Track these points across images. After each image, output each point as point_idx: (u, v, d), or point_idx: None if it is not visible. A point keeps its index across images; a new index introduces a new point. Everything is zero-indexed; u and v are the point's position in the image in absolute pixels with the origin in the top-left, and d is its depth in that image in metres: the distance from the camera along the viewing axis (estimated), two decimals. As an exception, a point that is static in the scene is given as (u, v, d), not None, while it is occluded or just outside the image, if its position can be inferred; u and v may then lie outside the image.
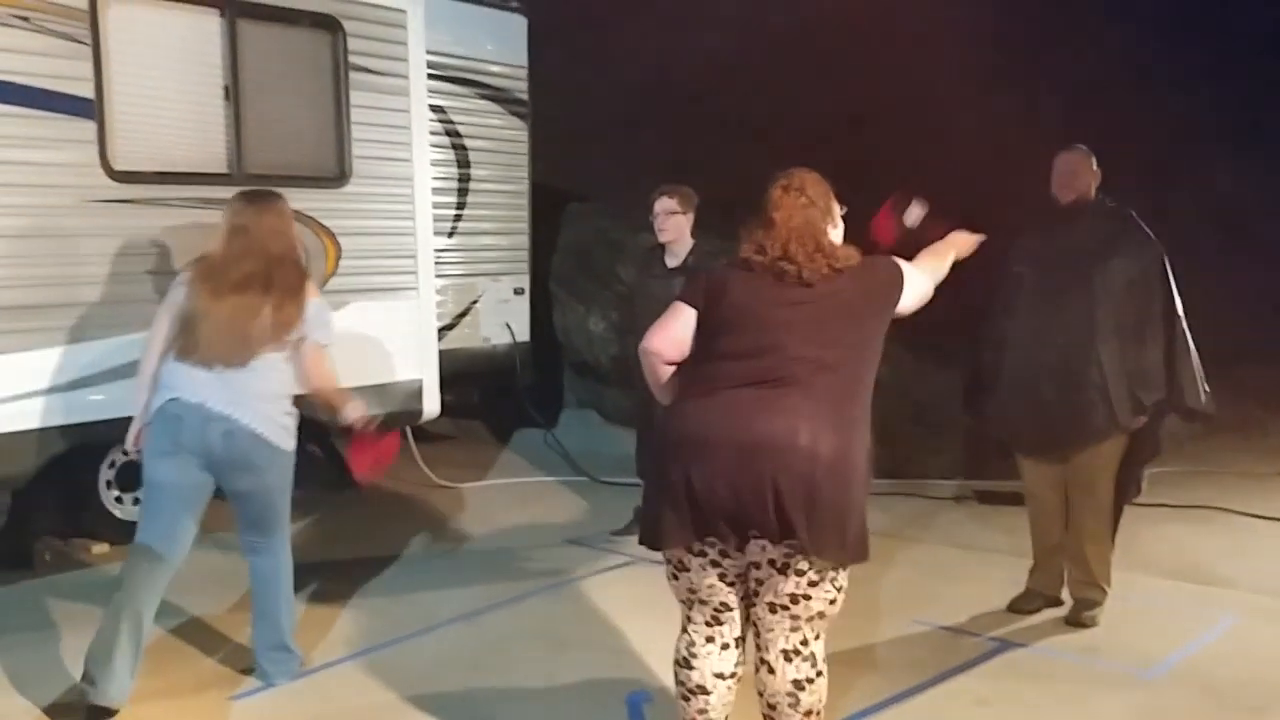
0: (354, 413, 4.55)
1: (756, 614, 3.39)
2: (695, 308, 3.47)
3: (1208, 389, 5.04)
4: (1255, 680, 4.55)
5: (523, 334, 8.61)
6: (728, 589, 3.42)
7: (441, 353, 6.86)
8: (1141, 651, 4.84)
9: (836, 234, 3.53)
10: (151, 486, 4.27)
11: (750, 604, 3.41)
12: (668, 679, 4.43)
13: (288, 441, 4.36)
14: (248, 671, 4.55)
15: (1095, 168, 5.19)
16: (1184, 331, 5.01)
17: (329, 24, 6.11)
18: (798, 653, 3.35)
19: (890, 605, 5.40)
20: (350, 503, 7.36)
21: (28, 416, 5.11)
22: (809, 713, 3.37)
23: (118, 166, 5.35)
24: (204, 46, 5.68)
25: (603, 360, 9.49)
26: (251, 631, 4.57)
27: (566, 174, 9.77)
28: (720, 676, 3.47)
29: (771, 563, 3.27)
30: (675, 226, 6.19)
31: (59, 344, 5.19)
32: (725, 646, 3.47)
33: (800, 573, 3.26)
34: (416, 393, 6.59)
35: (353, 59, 6.19)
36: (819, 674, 3.37)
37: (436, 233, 6.94)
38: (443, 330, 7.41)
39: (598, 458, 8.39)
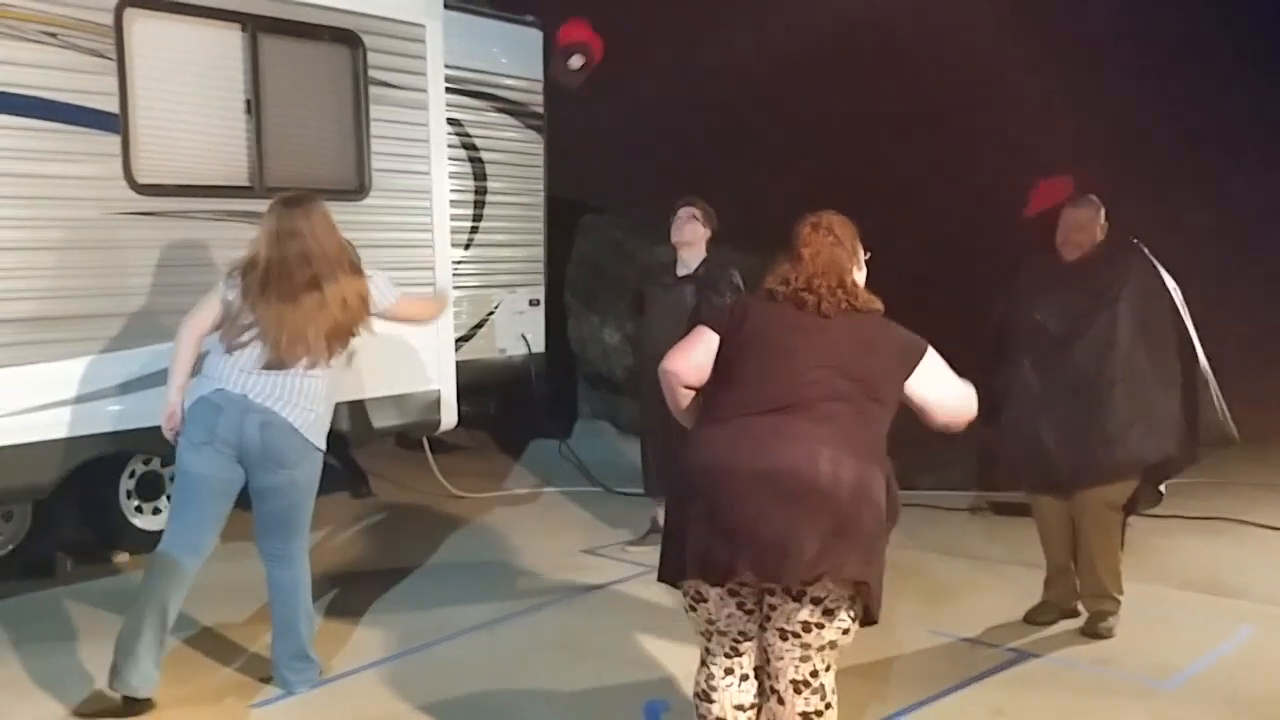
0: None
1: (767, 640, 3.35)
2: (718, 333, 3.48)
3: (1227, 413, 5.04)
4: (1274, 692, 4.55)
5: (538, 345, 8.66)
6: (746, 617, 3.39)
7: (458, 364, 6.91)
8: (1158, 663, 4.85)
9: (860, 276, 3.57)
10: (184, 476, 4.32)
11: (762, 629, 3.37)
12: (685, 689, 4.47)
13: (322, 441, 4.41)
14: (267, 680, 4.59)
15: (1103, 220, 5.17)
16: (1204, 372, 4.99)
17: (349, 39, 6.18)
18: (807, 684, 3.31)
19: (906, 616, 5.41)
20: (367, 513, 7.41)
21: (52, 427, 5.17)
22: None
23: (141, 180, 5.41)
24: (226, 61, 5.74)
25: (617, 371, 9.54)
26: (271, 641, 4.61)
27: (581, 186, 9.82)
28: (740, 709, 3.45)
29: (787, 590, 3.23)
30: (693, 232, 6.28)
31: (82, 355, 5.25)
32: (744, 678, 3.46)
33: (816, 600, 3.23)
34: (434, 403, 6.64)
35: (372, 73, 6.25)
36: (828, 706, 3.33)
37: (453, 245, 6.99)
38: (459, 341, 7.45)
39: (612, 468, 8.43)
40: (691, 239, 6.30)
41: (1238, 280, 10.25)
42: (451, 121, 7.11)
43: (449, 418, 6.77)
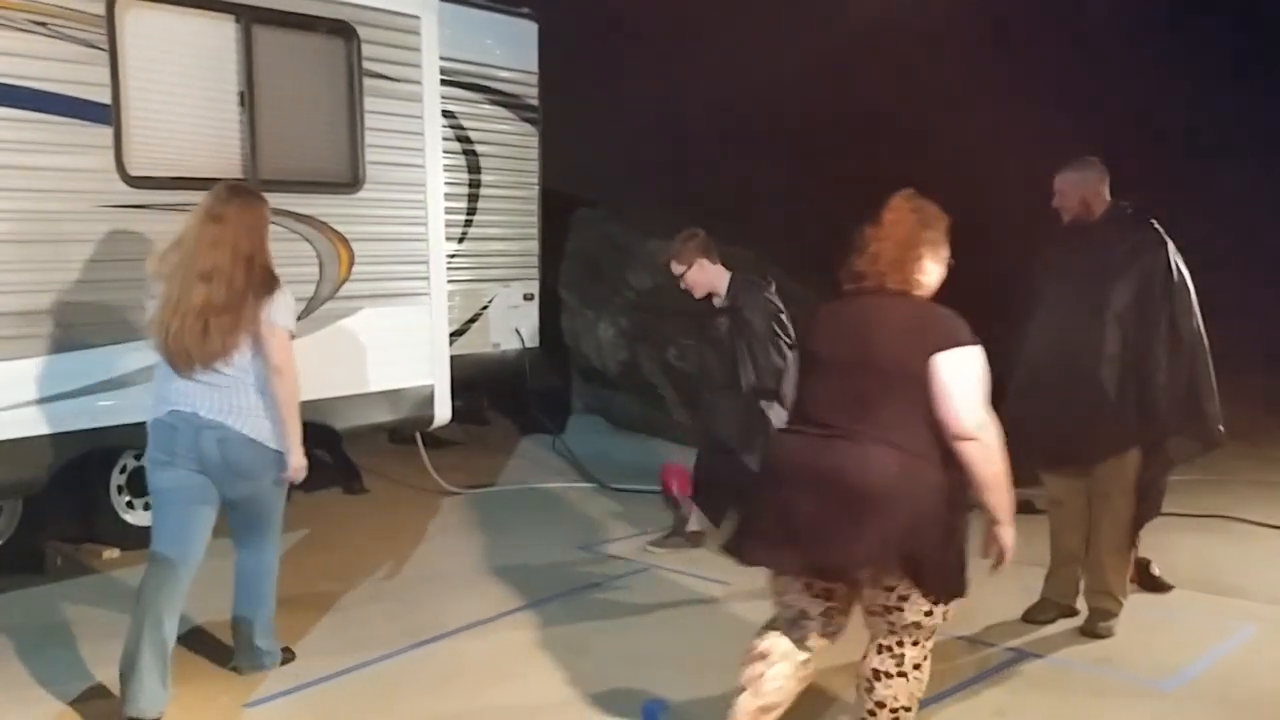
0: (297, 459, 4.33)
1: (863, 614, 3.61)
2: (794, 348, 3.85)
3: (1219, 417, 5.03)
4: (1275, 692, 4.53)
5: (532, 340, 8.62)
6: (811, 599, 3.58)
7: (452, 358, 6.87)
8: (1158, 662, 4.83)
9: (935, 271, 3.61)
10: (156, 494, 4.28)
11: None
12: (683, 688, 4.46)
13: (282, 442, 4.29)
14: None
15: (1097, 179, 5.15)
16: (1205, 354, 4.98)
17: (344, 30, 6.12)
18: (889, 650, 3.55)
19: (904, 614, 5.38)
20: (359, 508, 7.36)
21: (42, 422, 5.12)
22: (880, 704, 3.56)
23: (133, 172, 5.36)
24: (219, 52, 5.70)
25: (611, 366, 9.50)
26: (231, 623, 4.60)
27: (576, 179, 9.77)
28: (783, 654, 3.58)
29: (853, 581, 3.49)
30: (695, 281, 5.99)
31: (73, 349, 5.20)
32: (798, 640, 3.61)
33: (889, 588, 3.44)
34: (428, 399, 6.60)
35: (367, 65, 6.20)
36: (901, 674, 3.55)
37: (447, 238, 6.94)
38: (453, 336, 7.41)
39: (606, 463, 8.39)
40: (702, 288, 6.00)
41: (1234, 277, 10.23)
42: (446, 114, 7.05)
43: (442, 413, 6.73)
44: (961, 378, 3.38)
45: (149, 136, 5.44)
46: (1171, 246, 5.01)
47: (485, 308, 8.28)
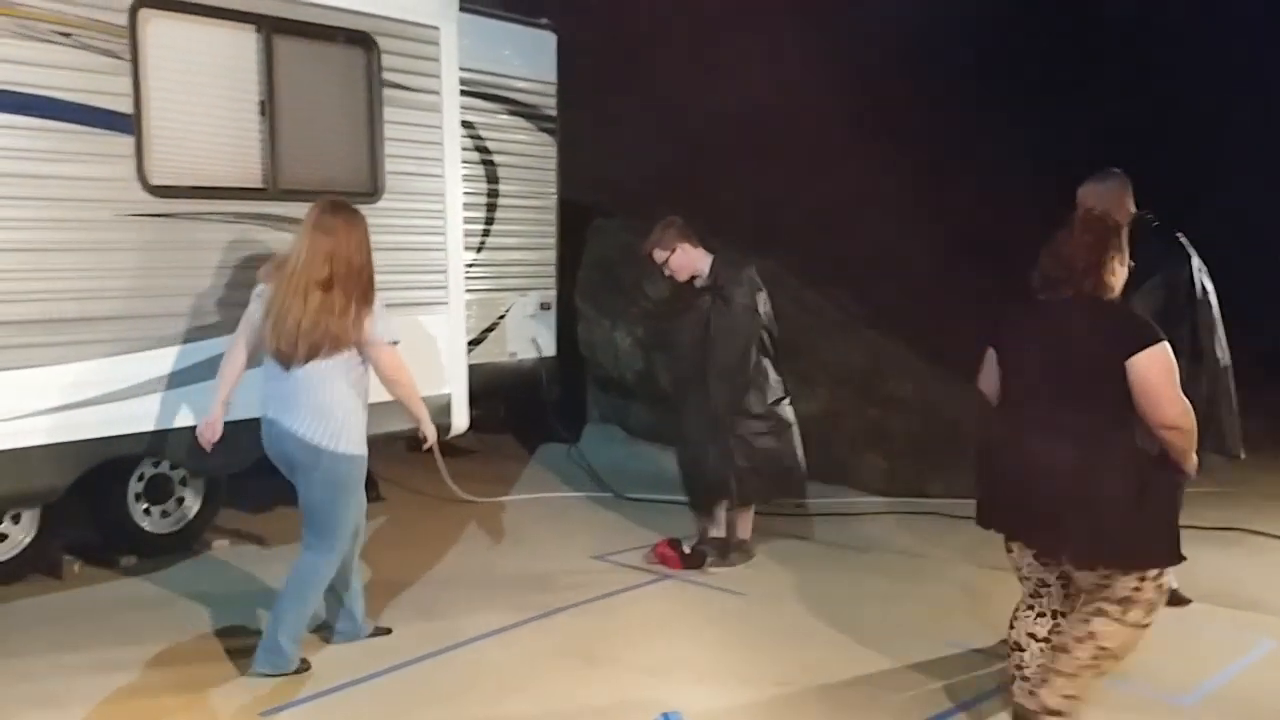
0: (429, 430, 4.96)
1: (1073, 589, 4.08)
2: (992, 346, 4.20)
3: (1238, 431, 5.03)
4: (1293, 708, 4.52)
5: (549, 349, 8.62)
6: (1043, 568, 4.12)
7: (469, 367, 6.88)
8: (1174, 677, 4.81)
9: (1121, 274, 3.96)
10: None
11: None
12: (698, 698, 4.46)
13: (343, 445, 4.59)
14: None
15: (1120, 190, 5.15)
16: (1227, 368, 4.97)
17: (363, 41, 6.14)
18: (1105, 614, 3.93)
19: (922, 626, 5.38)
20: (375, 516, 7.37)
21: (65, 429, 5.13)
22: (1091, 634, 3.96)
23: (154, 181, 5.38)
24: (240, 62, 5.71)
25: (627, 375, 9.49)
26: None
27: (593, 189, 9.78)
28: (1033, 637, 4.17)
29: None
30: (678, 265, 6.21)
31: (94, 357, 5.22)
32: (1042, 615, 4.16)
33: (1092, 567, 3.89)
34: (446, 407, 6.60)
35: (386, 75, 6.21)
36: (1118, 622, 3.93)
37: (466, 248, 6.95)
38: (470, 344, 7.42)
39: (622, 473, 8.39)
40: (685, 272, 6.21)
41: (1248, 291, 10.20)
42: (464, 124, 7.06)
43: (460, 421, 6.74)
44: (1160, 373, 3.76)
45: (170, 146, 5.46)
46: (1196, 259, 5.00)
47: (502, 317, 8.30)
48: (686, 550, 6.31)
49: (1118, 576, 3.88)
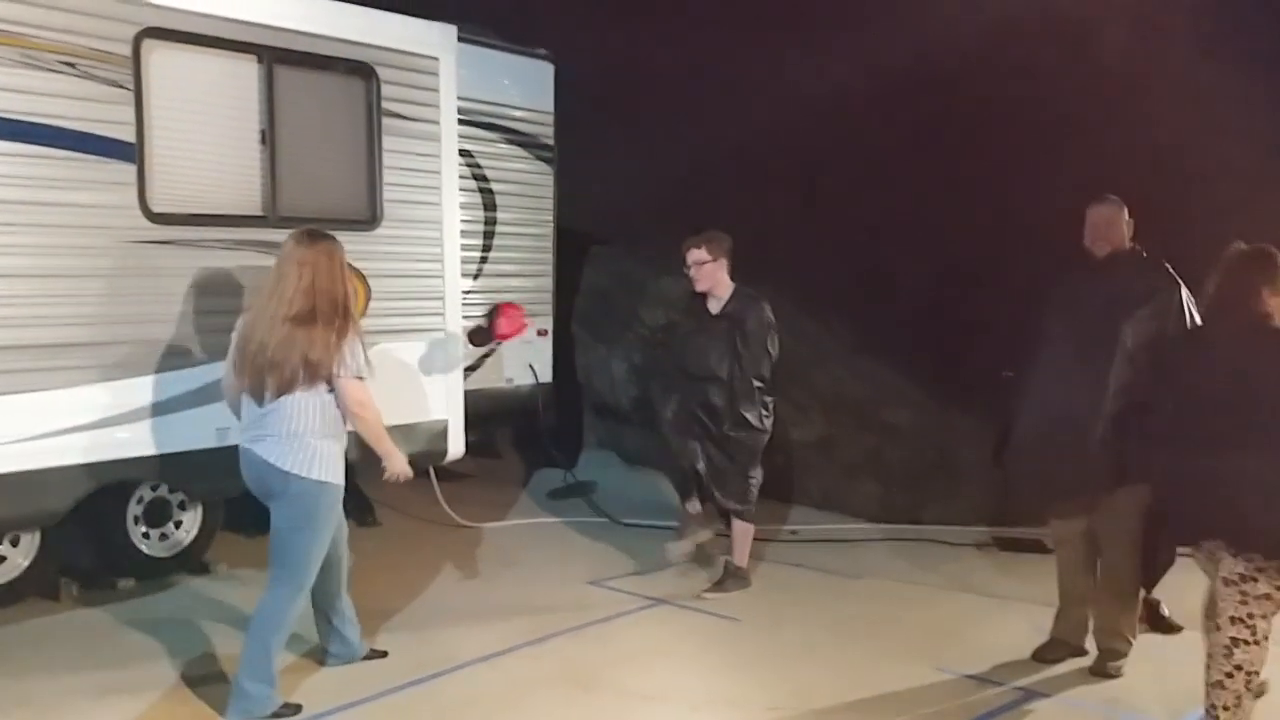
0: (395, 466, 4.90)
1: (1215, 586, 4.24)
2: (1165, 383, 4.50)
3: None
4: (1282, 734, 4.54)
5: (545, 375, 8.66)
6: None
7: (466, 393, 6.91)
8: (1166, 705, 4.84)
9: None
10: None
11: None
12: (694, 724, 4.48)
13: (317, 471, 4.55)
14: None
15: (1128, 218, 5.25)
16: None
17: (363, 70, 6.22)
18: (1242, 621, 4.11)
19: (913, 652, 5.40)
20: (372, 541, 7.39)
21: (64, 453, 5.18)
22: (1238, 666, 4.13)
23: (155, 208, 5.44)
24: (241, 92, 5.79)
25: (623, 401, 9.54)
26: None
27: (590, 217, 9.86)
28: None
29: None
30: (707, 275, 6.28)
31: (93, 381, 5.26)
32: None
33: (1249, 558, 4.07)
34: (442, 433, 6.64)
35: (386, 105, 6.28)
36: (1255, 642, 4.10)
37: (463, 274, 7.00)
38: (467, 371, 7.46)
39: (617, 499, 8.42)
40: (708, 283, 6.30)
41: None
42: (462, 152, 7.13)
43: (456, 447, 6.77)
44: None
45: (171, 174, 5.53)
46: (1185, 289, 5.06)
47: (499, 343, 8.34)
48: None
49: (1271, 570, 4.07)
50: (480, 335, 4.66)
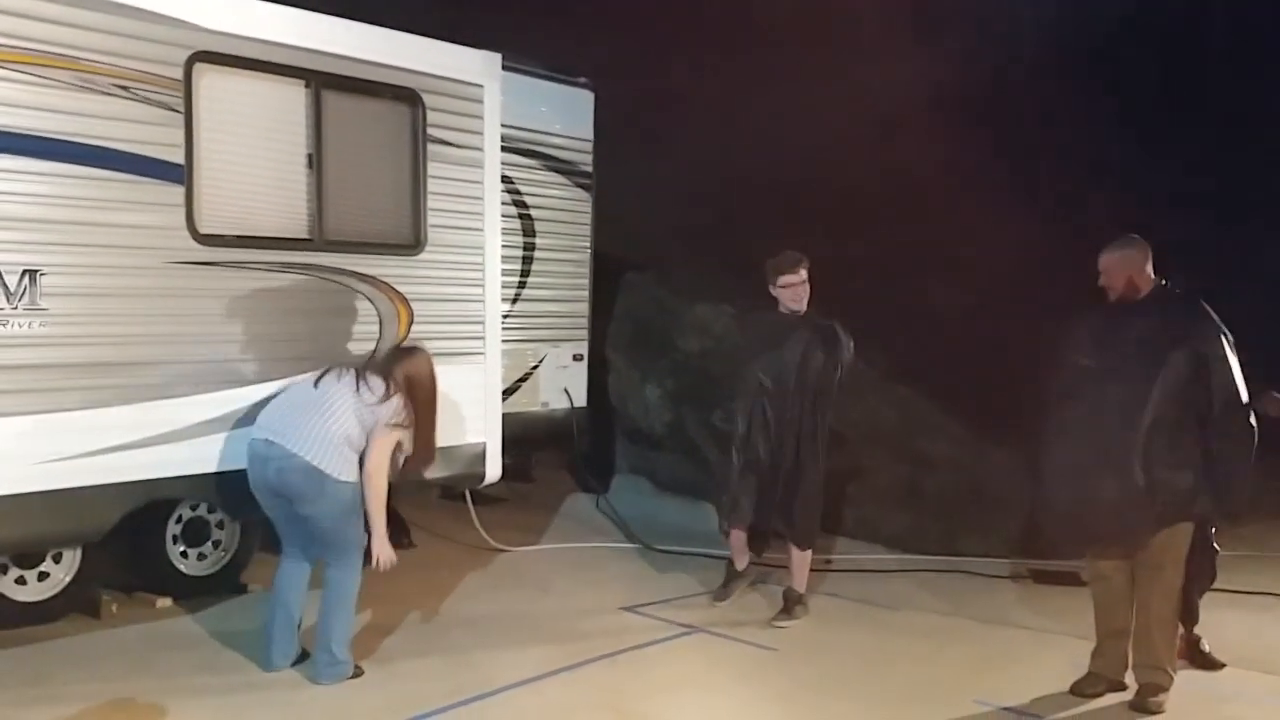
0: (384, 551, 5.19)
1: None
2: None
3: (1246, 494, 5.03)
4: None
5: (580, 399, 8.69)
6: None
7: (502, 416, 6.94)
8: (1208, 741, 4.79)
9: None
10: None
11: None
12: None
13: (344, 474, 5.01)
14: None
15: (1141, 257, 5.20)
16: (1246, 429, 4.97)
17: (409, 97, 6.29)
18: None
19: (951, 685, 5.37)
20: (408, 564, 7.40)
21: (107, 471, 5.22)
22: None
23: (203, 230, 5.50)
24: (289, 116, 5.85)
25: (657, 427, 9.55)
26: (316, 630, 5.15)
27: (625, 244, 9.90)
28: None
29: None
30: (803, 296, 6.43)
31: (137, 400, 5.30)
32: None
33: None
34: (480, 456, 6.67)
35: (431, 131, 6.34)
36: None
37: (502, 299, 7.04)
38: (504, 394, 7.48)
39: (649, 524, 8.42)
40: (801, 301, 6.44)
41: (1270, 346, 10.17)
42: (504, 179, 7.18)
43: (494, 471, 6.79)
44: None
45: (220, 196, 5.58)
46: (1221, 326, 5.03)
47: (536, 367, 8.38)
48: None
49: None
50: None
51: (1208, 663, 5.65)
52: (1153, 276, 5.20)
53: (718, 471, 7.00)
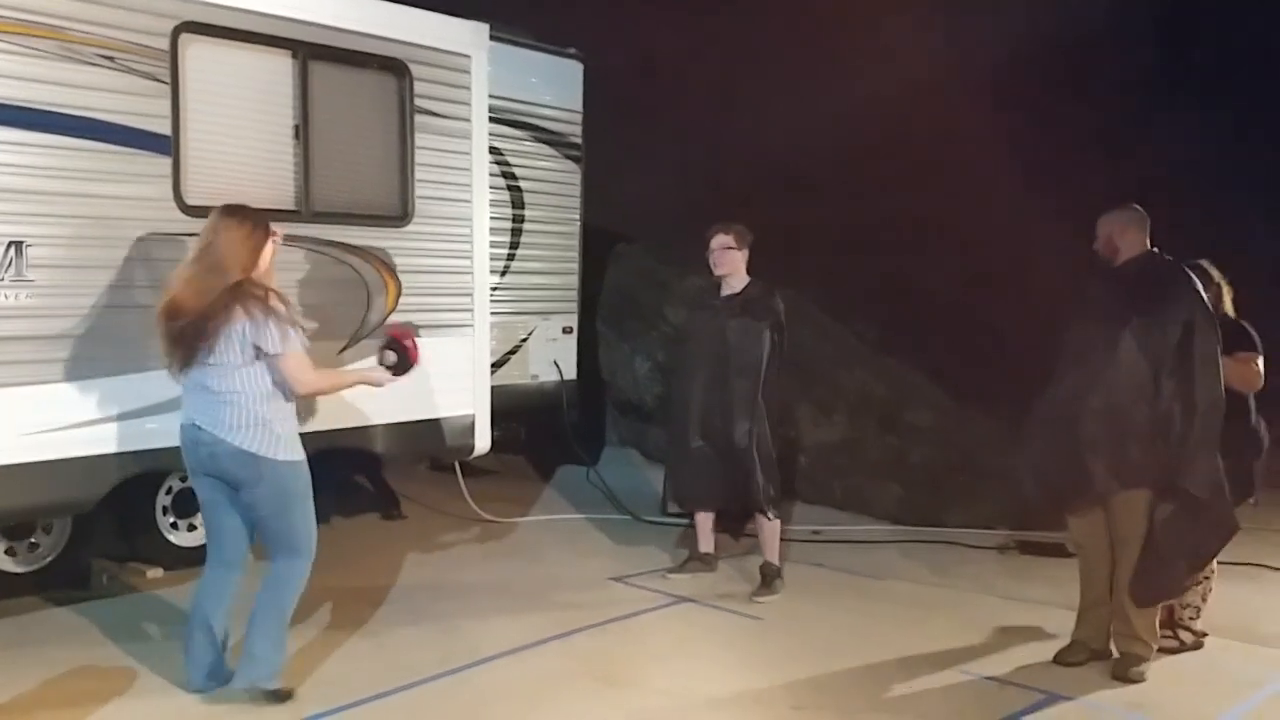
0: (382, 371, 4.91)
1: None
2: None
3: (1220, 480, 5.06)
4: (1306, 742, 4.54)
5: (570, 372, 8.70)
6: None
7: (491, 389, 6.96)
8: (1190, 710, 4.84)
9: None
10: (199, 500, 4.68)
11: None
12: (720, 720, 4.50)
13: (280, 452, 4.42)
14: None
15: (1138, 224, 5.23)
16: (1218, 407, 4.99)
17: (396, 68, 6.27)
18: None
19: (935, 655, 5.41)
20: (396, 534, 7.46)
21: (96, 442, 5.23)
22: None
23: (190, 201, 5.49)
24: (276, 87, 5.84)
25: (646, 399, 9.58)
26: None
27: (615, 215, 9.89)
28: None
29: None
30: (730, 261, 6.38)
31: (125, 371, 5.31)
32: None
33: None
34: (469, 428, 6.69)
35: (418, 102, 6.33)
36: None
37: (491, 271, 7.04)
38: (493, 367, 7.49)
39: (639, 496, 8.45)
40: (730, 268, 6.40)
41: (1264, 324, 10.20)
42: (492, 150, 7.16)
43: (482, 443, 6.82)
44: None
45: (206, 167, 5.57)
46: (1203, 295, 5.06)
47: (525, 340, 8.39)
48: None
49: None
50: (401, 366, 4.76)
51: (1190, 633, 5.70)
52: (1144, 244, 5.22)
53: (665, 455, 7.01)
